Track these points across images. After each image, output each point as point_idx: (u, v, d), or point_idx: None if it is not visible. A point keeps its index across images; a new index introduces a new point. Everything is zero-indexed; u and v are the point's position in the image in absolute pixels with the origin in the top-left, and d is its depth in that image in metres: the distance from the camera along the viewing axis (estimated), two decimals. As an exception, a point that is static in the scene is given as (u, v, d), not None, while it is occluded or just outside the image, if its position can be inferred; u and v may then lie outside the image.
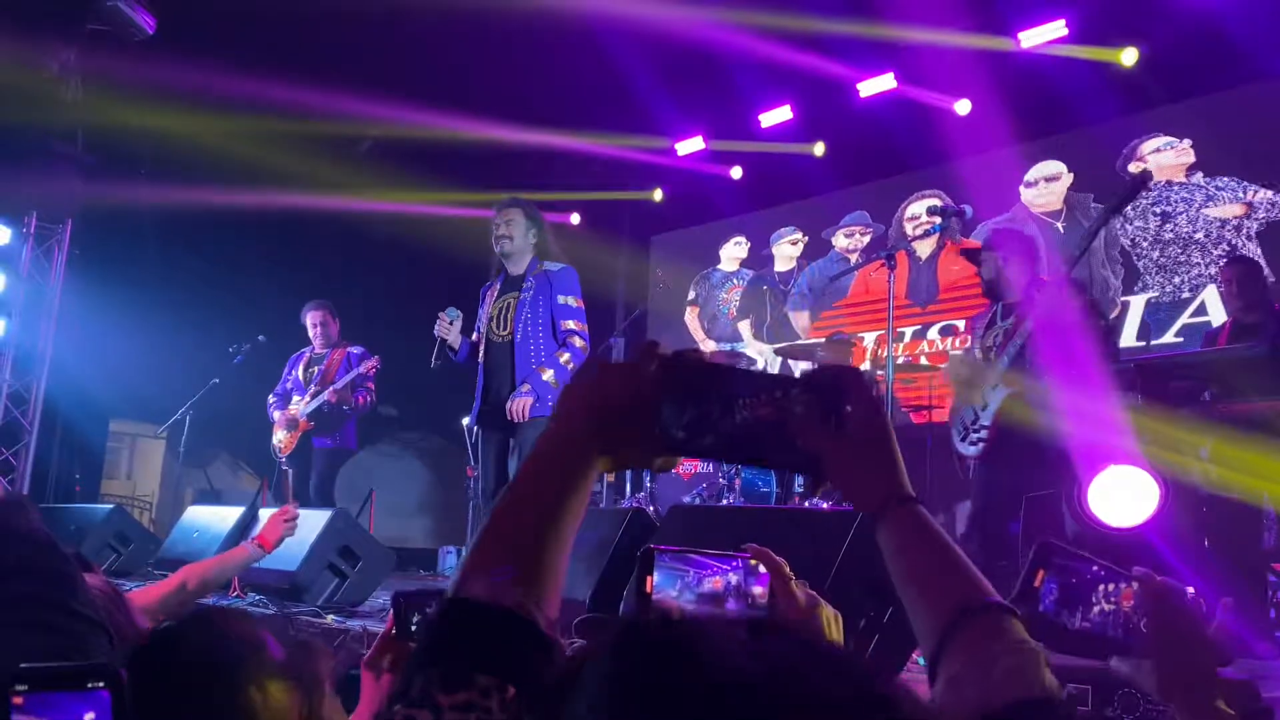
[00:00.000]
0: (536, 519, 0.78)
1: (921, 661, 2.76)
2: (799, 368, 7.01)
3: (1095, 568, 1.02)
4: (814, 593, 1.26)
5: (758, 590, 1.24)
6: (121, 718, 0.95)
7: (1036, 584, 1.00)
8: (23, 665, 0.94)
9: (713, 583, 1.23)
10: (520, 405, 4.09)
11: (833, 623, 1.11)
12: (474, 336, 4.47)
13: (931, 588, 0.81)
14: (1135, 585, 1.00)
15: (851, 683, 0.49)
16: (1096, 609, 1.00)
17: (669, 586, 1.22)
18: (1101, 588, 1.01)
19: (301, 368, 6.04)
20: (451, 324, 4.39)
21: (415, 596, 1.53)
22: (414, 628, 1.49)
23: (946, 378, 4.52)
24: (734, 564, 1.25)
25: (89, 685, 0.94)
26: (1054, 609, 0.99)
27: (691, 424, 0.81)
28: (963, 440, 3.93)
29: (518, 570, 0.73)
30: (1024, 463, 3.65)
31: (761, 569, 1.25)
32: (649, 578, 1.20)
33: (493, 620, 0.70)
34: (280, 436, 5.90)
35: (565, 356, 4.22)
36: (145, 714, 1.02)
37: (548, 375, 4.16)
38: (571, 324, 4.28)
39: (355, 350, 5.98)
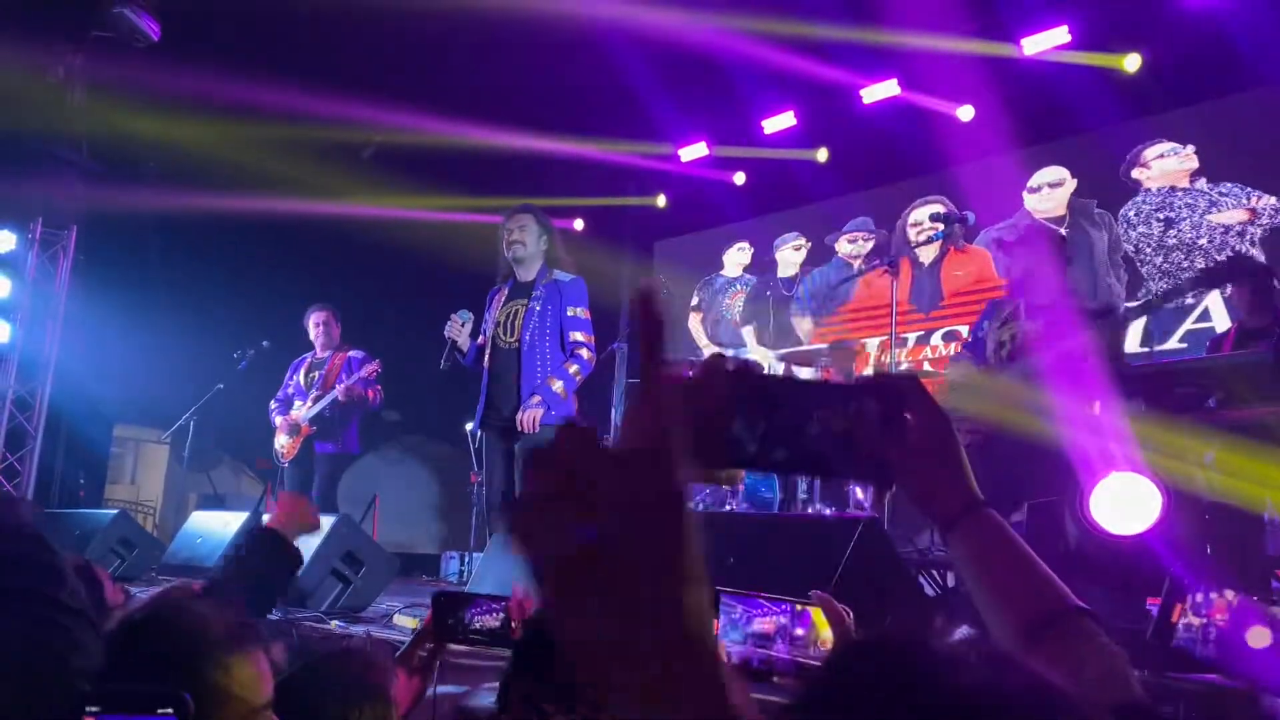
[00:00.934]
0: None
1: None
2: (804, 373, 6.99)
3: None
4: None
5: (800, 632, 1.28)
6: None
7: (1174, 619, 0.99)
8: (96, 690, 0.96)
9: (764, 624, 1.27)
10: (531, 416, 4.11)
11: None
12: (480, 340, 4.49)
13: (1012, 592, 0.82)
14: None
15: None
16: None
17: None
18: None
19: (303, 373, 6.05)
20: (463, 326, 4.42)
21: (455, 597, 1.57)
22: (450, 624, 1.54)
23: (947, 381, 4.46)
24: (784, 607, 1.29)
25: (158, 710, 0.97)
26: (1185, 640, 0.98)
27: (765, 438, 0.81)
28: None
29: None
30: (1018, 462, 3.60)
31: (809, 612, 1.28)
32: (715, 620, 1.23)
33: None
34: (282, 441, 5.90)
35: (574, 368, 4.26)
36: None
37: (557, 386, 4.19)
38: (579, 335, 4.30)
39: (356, 354, 5.97)
